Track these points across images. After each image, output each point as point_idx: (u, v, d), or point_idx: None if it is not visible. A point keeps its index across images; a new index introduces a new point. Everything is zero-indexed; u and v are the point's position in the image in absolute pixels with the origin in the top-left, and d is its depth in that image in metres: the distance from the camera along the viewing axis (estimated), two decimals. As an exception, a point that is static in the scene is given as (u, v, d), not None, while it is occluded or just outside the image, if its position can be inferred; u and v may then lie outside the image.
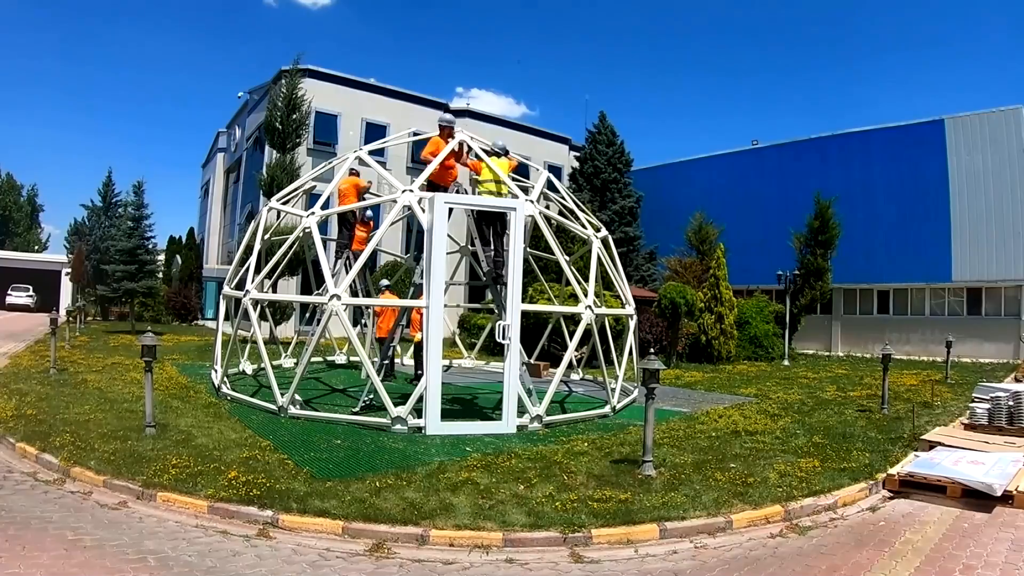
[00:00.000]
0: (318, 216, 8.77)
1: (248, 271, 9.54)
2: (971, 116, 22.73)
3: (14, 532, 4.34)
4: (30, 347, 15.35)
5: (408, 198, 8.18)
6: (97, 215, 31.72)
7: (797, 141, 27.18)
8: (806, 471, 6.17)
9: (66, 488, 5.39)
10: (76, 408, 7.97)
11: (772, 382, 13.51)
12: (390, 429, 7.47)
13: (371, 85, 27.40)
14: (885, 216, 24.05)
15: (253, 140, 28.59)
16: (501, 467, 6.06)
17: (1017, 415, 7.93)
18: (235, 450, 6.31)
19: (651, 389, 6.03)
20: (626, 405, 9.72)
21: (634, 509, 5.04)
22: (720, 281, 18.11)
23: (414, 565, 4.24)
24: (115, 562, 3.97)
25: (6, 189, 56.53)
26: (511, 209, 8.22)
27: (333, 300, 7.86)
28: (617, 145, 28.13)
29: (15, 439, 6.53)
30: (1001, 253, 22.06)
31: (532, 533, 4.62)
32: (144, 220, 22.47)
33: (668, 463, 6.33)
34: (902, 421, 8.85)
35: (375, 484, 5.42)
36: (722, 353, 17.52)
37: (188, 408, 8.31)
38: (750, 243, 25.20)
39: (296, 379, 8.22)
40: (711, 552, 4.59)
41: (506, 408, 7.76)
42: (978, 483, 5.67)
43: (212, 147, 38.32)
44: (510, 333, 7.75)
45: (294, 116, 21.28)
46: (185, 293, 28.20)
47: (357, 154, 10.36)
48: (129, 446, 6.25)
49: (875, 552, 4.55)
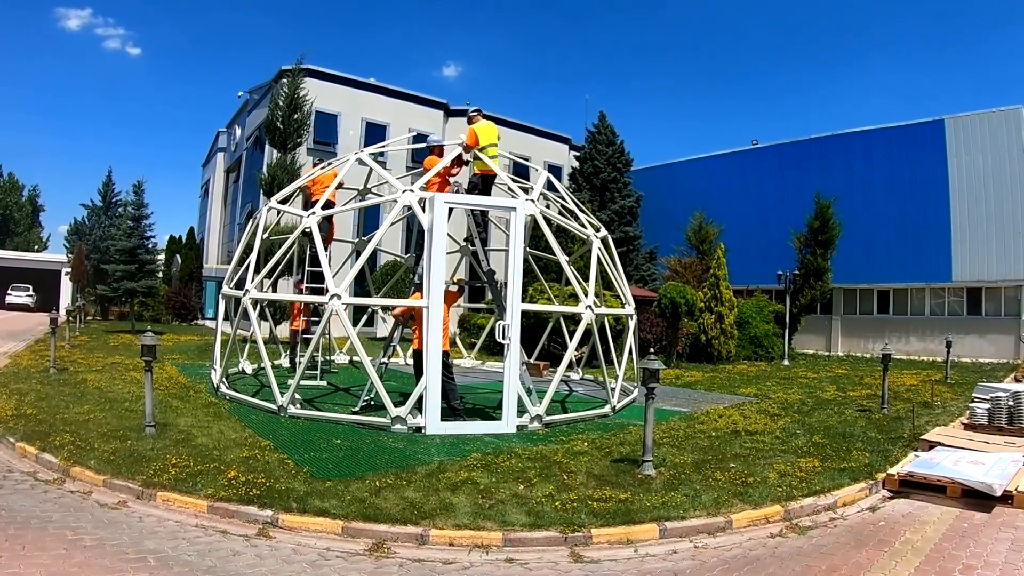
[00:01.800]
0: (318, 216, 8.76)
1: (248, 270, 9.54)
2: (971, 116, 22.74)
3: (14, 532, 4.34)
4: (30, 347, 15.35)
5: (408, 198, 8.18)
6: (97, 215, 31.78)
7: (797, 141, 27.18)
8: (806, 471, 6.17)
9: (66, 488, 5.39)
10: (76, 408, 7.97)
11: (772, 382, 13.51)
12: (390, 429, 7.46)
13: (371, 85, 27.41)
14: (885, 216, 24.06)
15: (253, 139, 28.60)
16: (501, 467, 6.06)
17: (1017, 415, 7.93)
18: (235, 450, 6.31)
19: (651, 389, 6.03)
20: (626, 405, 9.72)
21: (634, 509, 5.04)
22: (720, 281, 18.12)
23: (414, 565, 4.24)
24: (115, 562, 3.97)
25: (8, 189, 56.56)
26: (511, 209, 8.22)
27: (333, 299, 7.86)
28: (617, 145, 28.15)
29: (15, 439, 6.53)
30: (1001, 253, 22.07)
31: (532, 533, 4.62)
32: (144, 220, 22.45)
33: (668, 463, 6.33)
34: (902, 421, 8.85)
35: (375, 484, 5.42)
36: (722, 353, 17.52)
37: (188, 408, 8.31)
38: (750, 243, 25.21)
39: (296, 379, 8.21)
40: (711, 552, 4.59)
41: (506, 408, 7.76)
42: (978, 483, 5.67)
43: (212, 147, 38.33)
44: (510, 333, 7.75)
45: (295, 116, 21.27)
46: (185, 293, 28.19)
47: (358, 155, 10.37)
48: (129, 446, 6.25)
49: (875, 552, 4.55)
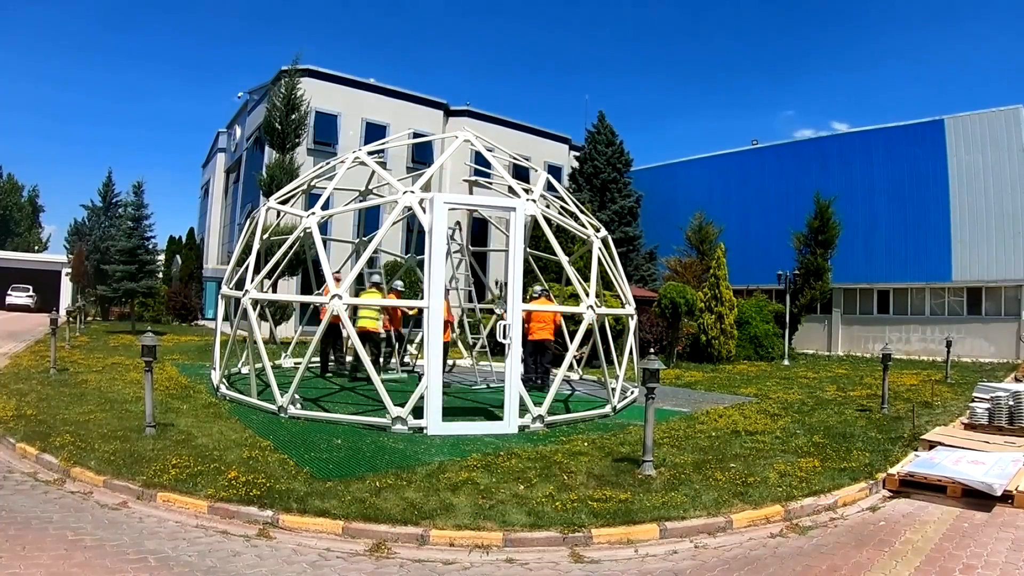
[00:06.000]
0: (318, 216, 8.76)
1: (248, 271, 9.53)
2: (971, 116, 22.75)
3: (14, 532, 4.34)
4: (30, 347, 15.35)
5: (409, 199, 8.18)
6: (97, 215, 31.72)
7: (797, 141, 27.24)
8: (806, 471, 6.17)
9: (66, 488, 5.39)
10: (76, 408, 7.97)
11: (772, 382, 13.51)
12: (390, 429, 7.46)
13: (371, 85, 27.39)
14: (885, 216, 24.08)
15: (253, 140, 28.58)
16: (501, 467, 6.06)
17: (1017, 415, 7.93)
18: (235, 450, 6.31)
19: (651, 389, 6.03)
20: (626, 405, 9.72)
21: (634, 509, 5.04)
22: (720, 281, 18.11)
23: (414, 565, 4.24)
24: (115, 562, 3.98)
25: (7, 190, 56.54)
26: (511, 209, 8.23)
27: (334, 300, 7.86)
28: (617, 145, 28.14)
29: (15, 439, 6.53)
30: (1001, 253, 22.07)
31: (532, 533, 4.62)
32: (144, 220, 22.46)
33: (668, 463, 6.33)
34: (902, 421, 8.85)
35: (375, 484, 5.42)
36: (722, 353, 17.51)
37: (188, 408, 8.30)
38: (750, 243, 25.22)
39: (296, 378, 8.21)
40: (711, 552, 4.59)
41: (507, 408, 7.76)
42: (978, 483, 5.66)
43: (212, 147, 38.31)
44: (510, 333, 7.75)
45: (293, 116, 21.27)
46: (185, 293, 28.19)
47: (357, 154, 10.37)
48: (129, 446, 6.25)
49: (875, 552, 4.55)
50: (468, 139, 10.16)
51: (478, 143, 10.13)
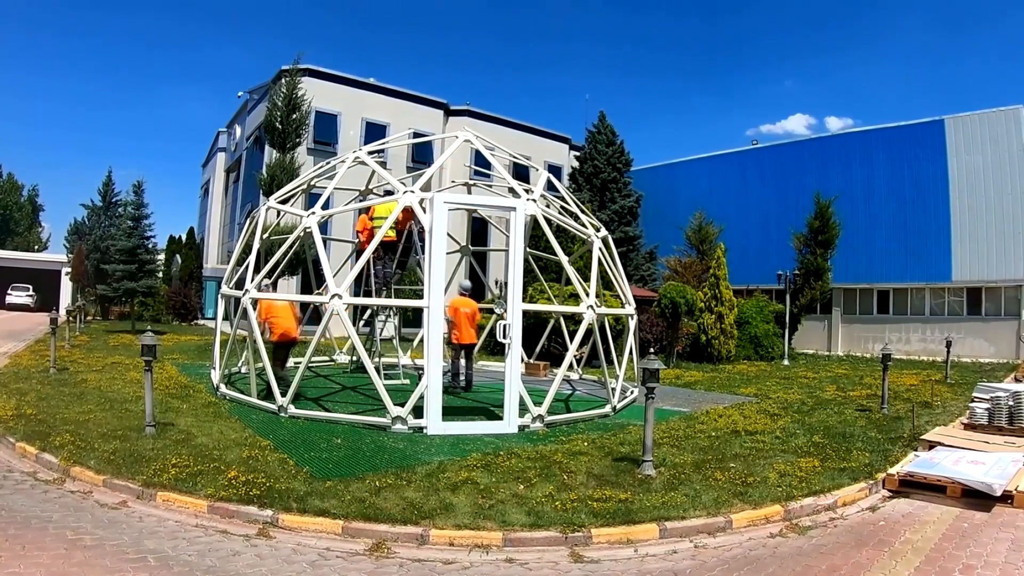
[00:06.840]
0: (318, 216, 8.76)
1: (248, 270, 9.53)
2: (971, 116, 22.76)
3: (14, 532, 4.34)
4: (30, 347, 15.35)
5: (409, 199, 8.18)
6: (97, 215, 31.71)
7: (797, 141, 27.23)
8: (806, 471, 6.17)
9: (66, 488, 5.39)
10: (76, 408, 7.97)
11: (772, 382, 13.51)
12: (390, 428, 7.47)
13: (371, 84, 27.40)
14: (885, 216, 24.08)
15: (253, 139, 28.59)
16: (501, 467, 6.06)
17: (1017, 415, 7.93)
18: (235, 449, 6.31)
19: (651, 389, 6.02)
20: (626, 405, 9.71)
21: (634, 509, 5.04)
22: (720, 281, 18.11)
23: (414, 565, 4.24)
24: (115, 561, 3.97)
25: (7, 189, 56.55)
26: (511, 209, 8.22)
27: (334, 299, 7.86)
28: (617, 145, 28.16)
29: (15, 439, 6.53)
30: (1001, 253, 22.08)
31: (532, 533, 4.62)
32: (144, 220, 22.46)
33: (668, 463, 6.33)
34: (902, 421, 8.85)
35: (375, 484, 5.42)
36: (722, 353, 17.51)
37: (188, 408, 8.31)
38: (750, 243, 25.24)
39: (296, 378, 8.22)
40: (711, 552, 4.59)
41: (507, 408, 7.76)
42: (978, 483, 5.66)
43: (212, 147, 38.34)
44: (511, 333, 7.75)
45: (294, 116, 21.25)
46: (185, 293, 28.18)
47: (357, 154, 10.36)
48: (129, 446, 6.25)
49: (875, 552, 4.55)
50: (468, 139, 10.16)
51: (478, 143, 10.13)
